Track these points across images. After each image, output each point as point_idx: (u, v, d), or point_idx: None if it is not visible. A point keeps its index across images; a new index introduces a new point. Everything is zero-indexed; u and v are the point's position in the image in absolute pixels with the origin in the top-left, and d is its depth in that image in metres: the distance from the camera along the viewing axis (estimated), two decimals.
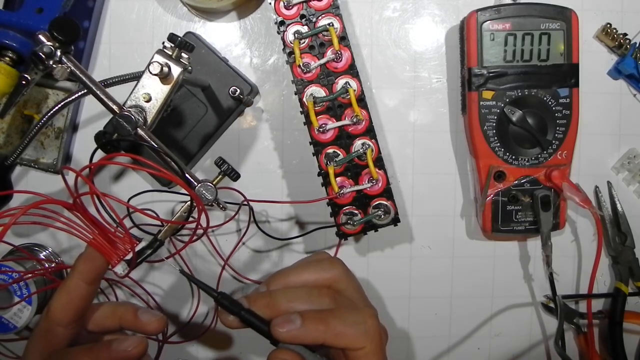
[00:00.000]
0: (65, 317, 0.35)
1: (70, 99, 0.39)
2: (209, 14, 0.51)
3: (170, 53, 0.38)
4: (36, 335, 0.36)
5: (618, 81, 0.52)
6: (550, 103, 0.48)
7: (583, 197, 0.47)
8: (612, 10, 0.51)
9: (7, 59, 0.43)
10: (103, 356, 0.35)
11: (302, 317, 0.34)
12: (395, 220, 0.48)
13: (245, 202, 0.46)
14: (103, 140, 0.43)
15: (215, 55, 0.48)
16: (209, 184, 0.38)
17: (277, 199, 0.51)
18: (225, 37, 0.51)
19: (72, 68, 0.35)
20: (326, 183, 0.47)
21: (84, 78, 0.36)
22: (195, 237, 0.48)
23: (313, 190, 0.50)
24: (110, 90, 0.37)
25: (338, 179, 0.47)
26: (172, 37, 0.37)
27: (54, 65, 0.35)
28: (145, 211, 0.38)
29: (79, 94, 0.39)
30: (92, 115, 0.51)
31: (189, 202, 0.39)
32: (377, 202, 0.47)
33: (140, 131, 0.36)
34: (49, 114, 0.40)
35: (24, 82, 0.40)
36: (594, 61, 0.51)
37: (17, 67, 0.43)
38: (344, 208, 0.47)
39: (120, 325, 0.38)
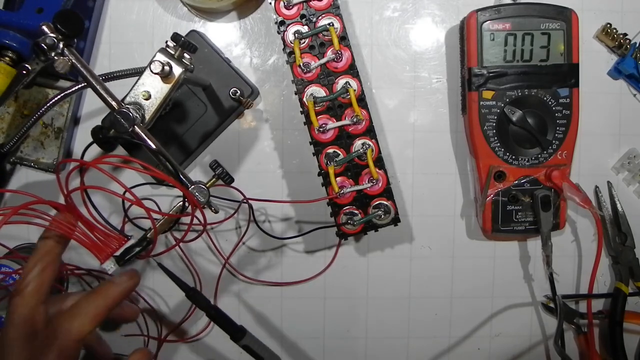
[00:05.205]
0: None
1: (70, 90, 0.39)
2: (209, 14, 0.51)
3: (172, 52, 0.37)
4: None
5: (618, 81, 0.52)
6: (550, 103, 0.48)
7: (583, 197, 0.47)
8: (612, 10, 0.51)
9: (7, 58, 0.44)
10: (113, 293, 0.37)
11: None
12: (396, 220, 0.48)
13: (245, 201, 0.46)
14: (100, 136, 0.43)
15: (217, 55, 0.48)
16: (202, 186, 0.37)
17: (277, 199, 0.51)
18: (225, 37, 0.51)
19: (74, 61, 0.35)
20: (326, 183, 0.47)
21: (84, 71, 0.36)
22: (194, 237, 0.48)
23: (313, 190, 0.50)
24: (110, 87, 0.37)
25: (338, 179, 0.47)
26: (175, 37, 0.37)
27: (55, 57, 0.35)
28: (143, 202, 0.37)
29: (79, 86, 0.39)
30: (93, 116, 0.51)
31: (181, 203, 0.39)
32: (377, 202, 0.47)
33: (137, 129, 0.36)
34: (48, 104, 0.40)
35: (24, 72, 0.40)
36: (594, 61, 0.51)
37: (16, 67, 0.43)
38: (344, 208, 0.47)
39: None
